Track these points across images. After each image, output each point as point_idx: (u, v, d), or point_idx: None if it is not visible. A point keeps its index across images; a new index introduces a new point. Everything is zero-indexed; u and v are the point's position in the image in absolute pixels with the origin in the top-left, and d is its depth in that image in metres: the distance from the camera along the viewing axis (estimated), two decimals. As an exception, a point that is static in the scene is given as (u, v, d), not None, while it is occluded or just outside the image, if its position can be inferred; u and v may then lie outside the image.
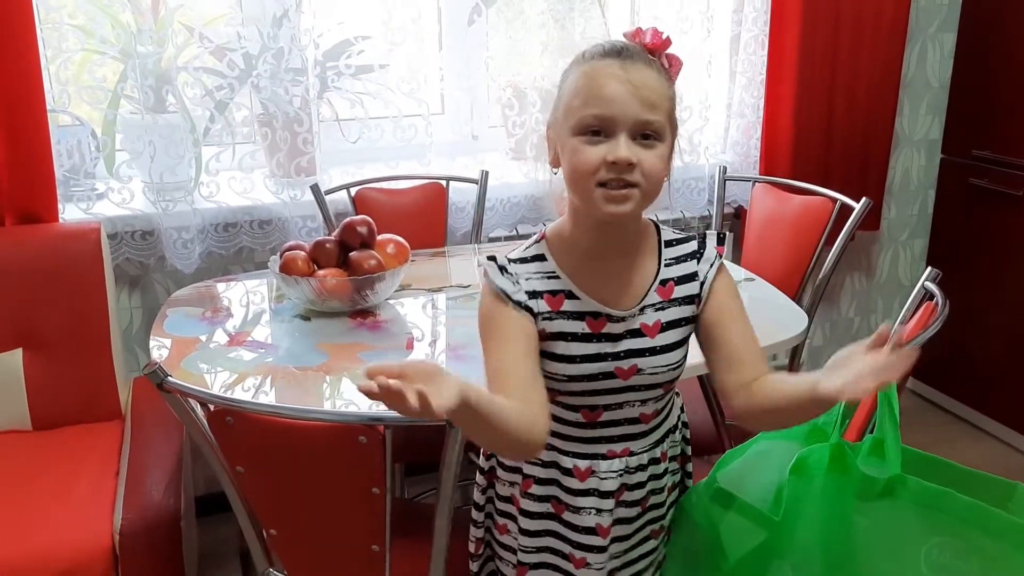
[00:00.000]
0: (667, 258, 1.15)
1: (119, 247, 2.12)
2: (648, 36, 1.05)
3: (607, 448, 1.16)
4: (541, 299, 1.10)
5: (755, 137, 2.57)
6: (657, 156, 1.03)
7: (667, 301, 1.13)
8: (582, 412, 1.15)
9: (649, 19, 2.41)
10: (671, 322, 1.13)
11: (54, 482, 1.71)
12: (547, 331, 1.10)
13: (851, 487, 1.13)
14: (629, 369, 1.11)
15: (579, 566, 1.19)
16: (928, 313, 1.44)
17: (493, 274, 1.10)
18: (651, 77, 1.03)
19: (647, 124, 1.01)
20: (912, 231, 2.99)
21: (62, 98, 2.04)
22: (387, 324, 1.73)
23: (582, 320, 1.10)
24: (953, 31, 2.79)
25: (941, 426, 2.89)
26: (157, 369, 1.14)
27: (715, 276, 1.15)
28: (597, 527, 1.17)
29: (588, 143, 1.02)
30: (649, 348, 1.12)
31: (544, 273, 1.11)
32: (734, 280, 1.18)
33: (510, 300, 1.09)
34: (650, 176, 1.03)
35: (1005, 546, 1.07)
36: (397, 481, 2.22)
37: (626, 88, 1.01)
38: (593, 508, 1.17)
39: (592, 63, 1.04)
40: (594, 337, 1.10)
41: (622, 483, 1.17)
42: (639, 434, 1.17)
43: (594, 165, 1.01)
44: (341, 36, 2.25)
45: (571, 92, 1.05)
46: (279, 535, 1.27)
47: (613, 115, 1.01)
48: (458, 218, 2.36)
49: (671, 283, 1.13)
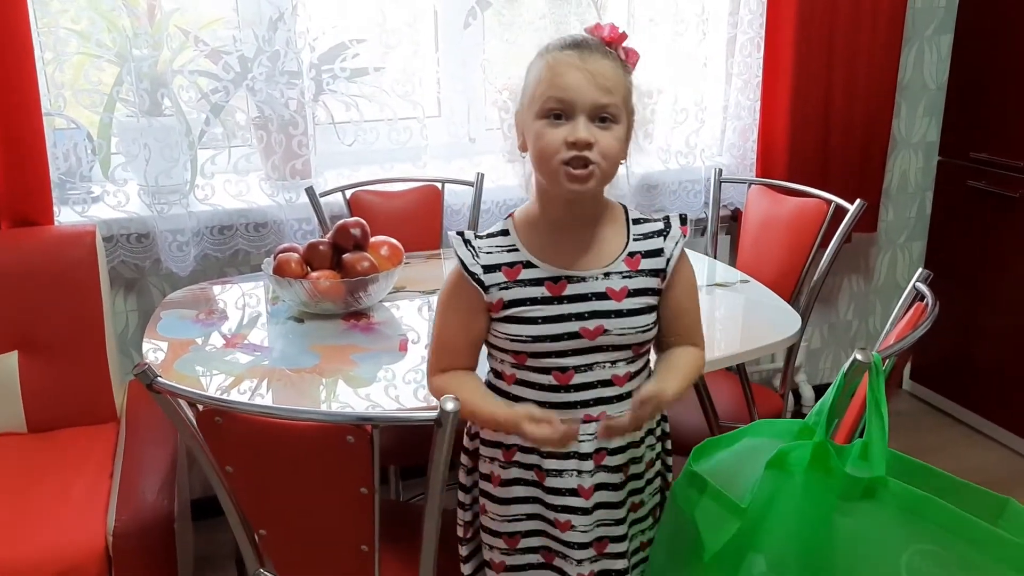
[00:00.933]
0: (635, 233, 1.23)
1: (115, 250, 2.12)
2: (606, 31, 1.16)
3: (583, 412, 1.21)
4: (499, 271, 1.19)
5: (751, 139, 2.57)
6: (614, 137, 1.13)
7: (634, 271, 1.21)
8: (553, 374, 1.20)
9: (645, 21, 2.42)
10: (638, 290, 1.20)
11: (49, 484, 1.71)
12: (505, 299, 1.19)
13: (833, 486, 1.13)
14: (595, 329, 1.18)
15: (564, 529, 1.23)
16: (918, 314, 1.43)
17: (457, 244, 1.21)
18: (607, 66, 1.12)
19: (603, 107, 1.11)
20: (910, 233, 2.99)
21: (58, 101, 2.04)
22: (380, 326, 1.73)
23: (540, 285, 1.19)
24: (950, 33, 2.79)
25: (940, 429, 2.89)
26: (147, 369, 1.14)
27: (679, 255, 1.22)
28: (579, 488, 1.22)
29: (551, 126, 1.12)
30: (615, 310, 1.19)
31: (504, 247, 1.21)
32: (690, 262, 1.26)
33: (466, 271, 1.19)
34: (607, 155, 1.12)
35: (987, 559, 1.05)
36: (392, 483, 2.23)
37: (583, 75, 1.11)
38: (574, 470, 1.22)
39: (554, 54, 1.14)
40: (555, 299, 1.18)
41: (599, 447, 1.22)
42: (614, 397, 1.22)
43: (556, 145, 1.11)
44: (336, 39, 2.25)
45: (535, 81, 1.15)
46: (269, 535, 1.27)
47: (572, 99, 1.11)
48: (454, 220, 2.37)
49: (638, 255, 1.21)
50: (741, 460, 1.25)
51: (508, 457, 1.25)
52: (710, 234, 2.43)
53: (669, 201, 2.57)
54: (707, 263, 2.16)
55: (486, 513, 1.29)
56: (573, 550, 1.24)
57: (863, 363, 1.19)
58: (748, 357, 1.66)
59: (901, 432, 2.83)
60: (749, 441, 1.28)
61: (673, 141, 2.53)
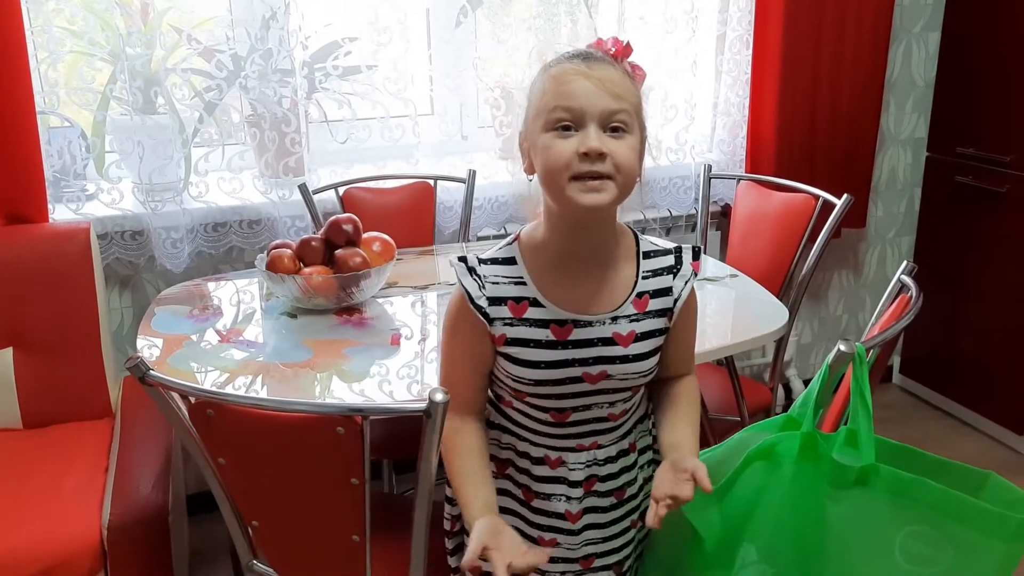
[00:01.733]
0: (645, 270, 1.16)
1: (109, 247, 2.14)
2: (610, 44, 1.09)
3: (576, 443, 1.19)
4: (504, 305, 1.13)
5: (741, 135, 2.59)
6: (628, 147, 1.04)
7: (642, 313, 1.15)
8: (551, 413, 1.18)
9: (635, 19, 2.43)
10: (644, 333, 1.15)
11: (44, 479, 1.73)
12: (508, 336, 1.13)
13: (823, 475, 1.15)
14: (598, 375, 1.14)
15: (549, 546, 1.22)
16: (902, 306, 1.46)
17: (461, 274, 1.14)
18: (616, 75, 1.06)
19: (615, 114, 1.03)
20: (899, 229, 3.01)
21: (52, 100, 2.06)
22: (372, 321, 1.75)
23: (546, 328, 1.12)
24: (937, 30, 2.81)
25: (929, 422, 2.91)
26: (139, 363, 1.16)
27: (688, 295, 1.18)
28: (566, 513, 1.21)
29: (559, 137, 1.04)
30: (621, 356, 1.14)
31: (511, 278, 1.13)
32: (697, 299, 1.22)
33: (472, 303, 1.13)
34: (623, 166, 1.04)
35: (976, 533, 1.08)
36: (385, 477, 2.24)
37: (592, 83, 1.03)
38: (563, 496, 1.20)
39: (559, 66, 1.07)
40: (559, 344, 1.12)
41: (591, 474, 1.20)
42: (607, 430, 1.20)
43: (566, 158, 1.03)
44: (329, 38, 2.27)
45: (539, 95, 1.07)
46: (261, 526, 1.29)
47: (581, 107, 1.03)
48: (446, 217, 2.38)
49: (647, 296, 1.15)
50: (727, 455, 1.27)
51: (500, 470, 1.24)
52: (699, 230, 2.45)
53: (660, 197, 2.59)
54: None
55: None
56: (555, 564, 1.23)
57: (847, 353, 1.20)
58: (736, 350, 1.68)
59: (890, 425, 2.85)
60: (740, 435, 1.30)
61: (663, 137, 2.55)
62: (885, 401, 3.04)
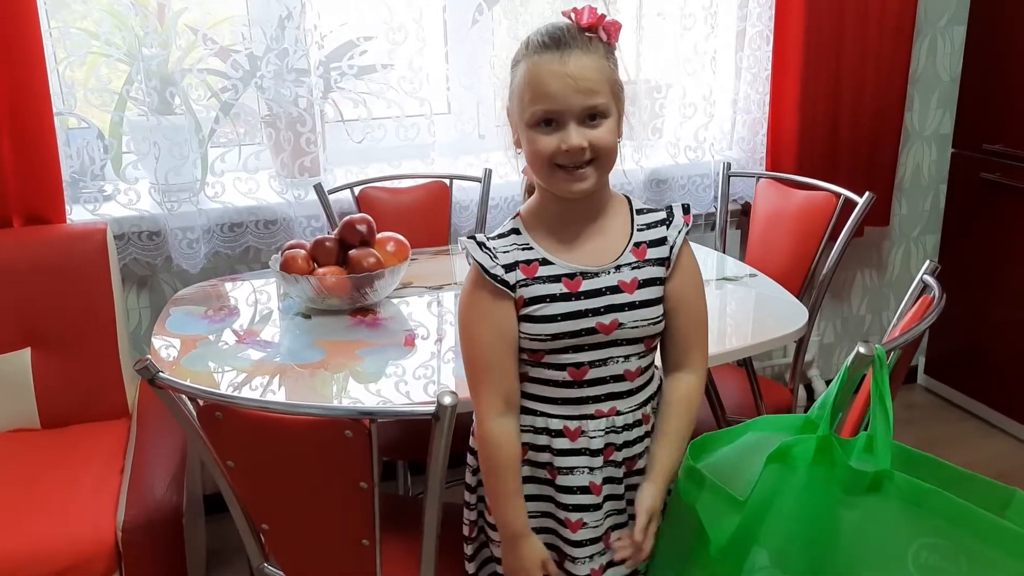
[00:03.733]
0: (639, 224, 1.24)
1: (126, 247, 2.15)
2: (585, 16, 1.14)
3: (594, 408, 1.22)
4: (517, 269, 1.19)
5: (761, 133, 2.56)
6: (606, 131, 1.14)
7: (642, 261, 1.21)
8: (568, 370, 1.20)
9: (653, 16, 2.41)
10: (646, 280, 1.21)
11: (61, 479, 1.74)
12: (525, 297, 1.18)
13: (837, 480, 1.13)
14: (610, 324, 1.19)
15: (576, 528, 1.24)
16: (924, 307, 1.42)
17: (472, 249, 1.19)
18: (589, 64, 1.11)
19: (591, 108, 1.12)
20: (924, 227, 2.96)
21: (70, 101, 2.07)
22: (386, 321, 1.74)
23: (558, 282, 1.19)
24: (963, 24, 2.76)
25: (954, 423, 2.86)
26: (148, 364, 1.16)
27: (682, 243, 1.23)
28: (591, 485, 1.23)
29: (542, 133, 1.13)
30: (628, 303, 1.19)
31: (519, 245, 1.21)
32: (694, 254, 1.26)
33: (487, 274, 1.17)
34: (602, 149, 1.14)
35: (995, 550, 1.05)
36: (400, 478, 2.24)
37: (567, 83, 1.10)
38: (585, 467, 1.23)
39: (535, 58, 1.12)
40: (572, 296, 1.18)
41: (608, 442, 1.23)
42: (625, 392, 1.23)
43: (551, 152, 1.13)
44: (344, 37, 2.26)
45: (521, 85, 1.14)
46: (271, 529, 1.29)
47: (559, 108, 1.11)
48: (462, 216, 2.37)
49: (644, 245, 1.22)
50: (743, 455, 1.25)
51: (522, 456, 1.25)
52: (719, 228, 2.42)
53: (679, 196, 2.57)
54: (716, 257, 2.15)
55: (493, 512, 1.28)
56: (583, 548, 1.24)
57: (866, 356, 1.18)
58: (755, 351, 1.65)
59: (915, 426, 2.81)
60: (752, 436, 1.28)
61: (682, 135, 2.53)
62: (909, 402, 2.99)
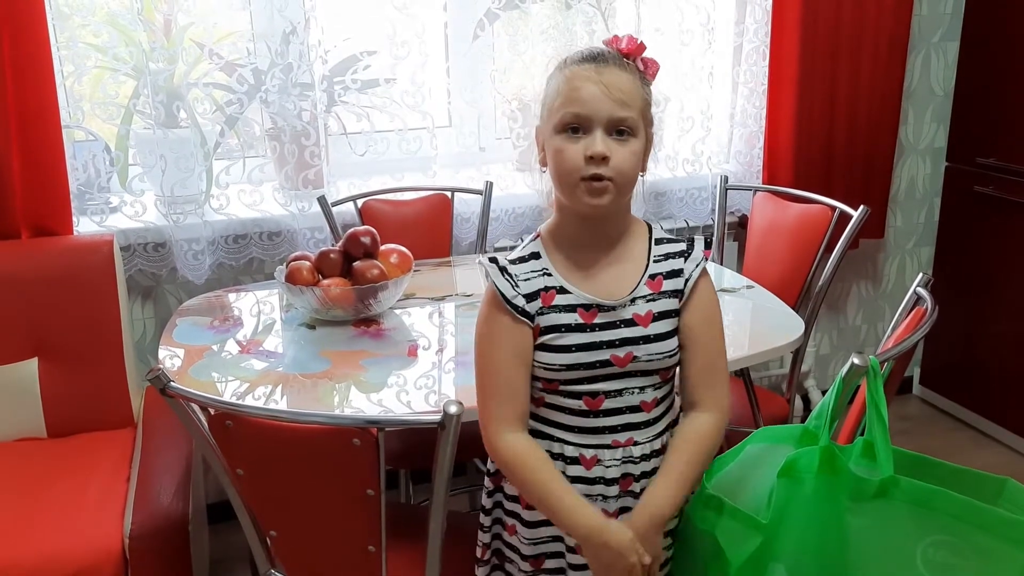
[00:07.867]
0: (656, 255, 1.23)
1: (132, 259, 2.17)
2: (624, 43, 1.17)
3: (611, 438, 1.21)
4: (538, 298, 1.19)
5: (758, 147, 2.59)
6: (629, 151, 1.14)
7: (657, 293, 1.21)
8: (584, 399, 1.20)
9: (651, 31, 2.45)
10: (661, 312, 1.20)
11: (68, 488, 1.76)
12: (542, 325, 1.19)
13: (843, 488, 1.15)
14: (625, 356, 1.18)
15: None
16: (917, 318, 1.45)
17: (494, 275, 1.20)
18: (624, 79, 1.14)
19: (620, 120, 1.13)
20: (918, 239, 3.00)
21: (77, 114, 2.10)
22: (390, 332, 1.76)
23: (574, 312, 1.19)
24: (956, 40, 2.80)
25: (949, 433, 2.89)
26: (160, 374, 1.18)
27: (699, 277, 1.22)
28: (603, 513, 1.21)
29: (569, 140, 1.14)
30: (643, 336, 1.19)
31: (538, 271, 1.21)
32: (715, 290, 1.25)
33: (508, 303, 1.18)
34: (621, 170, 1.13)
35: (999, 542, 1.08)
36: (402, 487, 2.25)
37: (599, 89, 1.12)
38: (600, 495, 1.22)
39: (571, 68, 1.15)
40: (587, 327, 1.18)
41: (625, 472, 1.22)
42: (642, 423, 1.22)
43: (576, 161, 1.13)
44: (348, 52, 2.30)
45: (553, 94, 1.16)
46: (279, 536, 1.31)
47: (588, 113, 1.12)
48: (463, 228, 2.40)
49: (659, 277, 1.22)
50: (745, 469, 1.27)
51: None
52: (716, 241, 2.45)
53: (676, 208, 2.60)
54: (714, 269, 2.18)
55: (515, 534, 1.29)
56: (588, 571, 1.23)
57: (860, 367, 1.21)
58: (752, 361, 1.67)
59: (910, 436, 2.84)
60: (753, 448, 1.29)
61: (680, 149, 2.56)
62: (904, 412, 3.02)
